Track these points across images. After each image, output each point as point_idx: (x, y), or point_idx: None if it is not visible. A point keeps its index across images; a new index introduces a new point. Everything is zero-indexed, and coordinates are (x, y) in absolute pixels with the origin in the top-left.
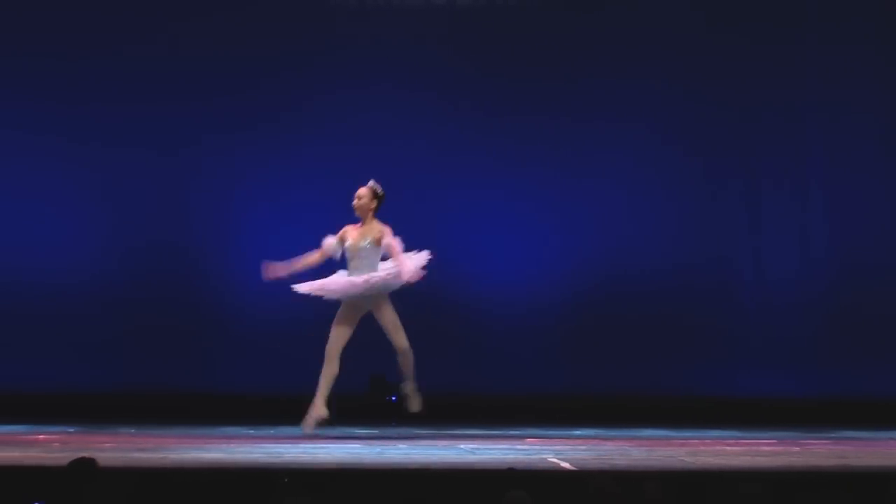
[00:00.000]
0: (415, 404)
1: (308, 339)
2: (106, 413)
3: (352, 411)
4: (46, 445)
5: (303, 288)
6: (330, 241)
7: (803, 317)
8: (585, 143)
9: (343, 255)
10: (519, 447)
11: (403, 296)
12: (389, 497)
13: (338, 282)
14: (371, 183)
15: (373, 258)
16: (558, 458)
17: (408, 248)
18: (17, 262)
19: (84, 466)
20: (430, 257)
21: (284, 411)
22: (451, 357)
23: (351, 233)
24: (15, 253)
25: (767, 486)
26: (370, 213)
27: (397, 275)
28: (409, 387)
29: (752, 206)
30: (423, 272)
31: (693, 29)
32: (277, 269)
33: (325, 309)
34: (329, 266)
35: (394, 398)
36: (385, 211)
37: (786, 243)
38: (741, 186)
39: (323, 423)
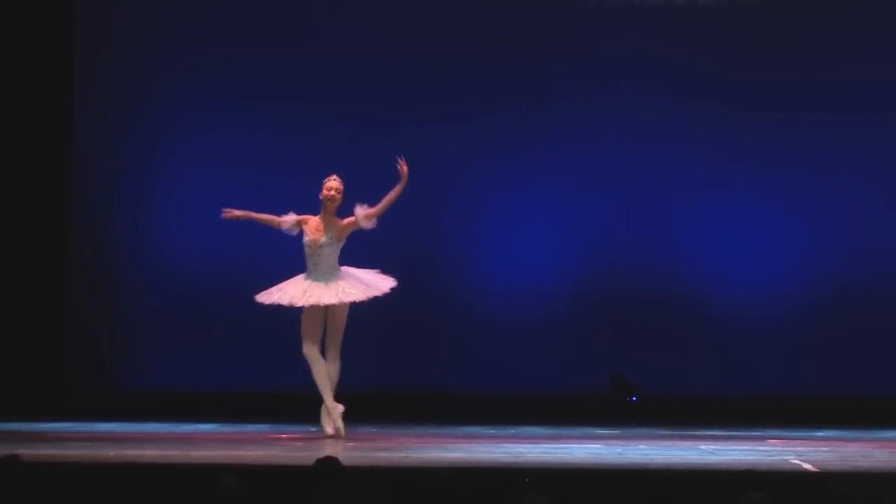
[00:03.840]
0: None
1: (554, 338)
2: (348, 412)
3: (593, 412)
4: (288, 444)
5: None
6: (290, 219)
7: None
8: (833, 140)
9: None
10: (760, 448)
11: (649, 295)
12: (629, 497)
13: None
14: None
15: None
16: (800, 460)
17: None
18: (256, 265)
19: (328, 466)
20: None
21: (525, 412)
22: (694, 358)
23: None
24: (251, 257)
25: None
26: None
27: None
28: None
29: None
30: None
31: None
32: (235, 213)
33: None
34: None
35: (634, 398)
36: (624, 213)
37: None
38: None
39: None
